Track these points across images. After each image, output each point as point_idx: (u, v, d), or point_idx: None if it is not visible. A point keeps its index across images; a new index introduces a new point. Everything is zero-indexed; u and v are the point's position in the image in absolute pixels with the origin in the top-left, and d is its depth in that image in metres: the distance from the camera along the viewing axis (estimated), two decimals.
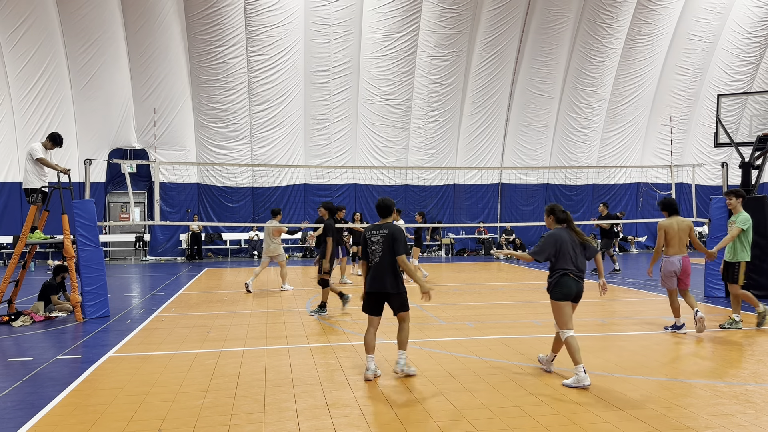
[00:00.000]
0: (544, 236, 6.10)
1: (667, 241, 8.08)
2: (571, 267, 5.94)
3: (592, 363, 6.61)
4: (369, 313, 6.21)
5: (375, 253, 6.10)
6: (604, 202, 17.96)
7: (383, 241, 6.04)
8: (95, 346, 7.74)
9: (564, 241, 5.97)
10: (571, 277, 5.93)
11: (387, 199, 6.33)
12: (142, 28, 20.86)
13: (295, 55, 22.38)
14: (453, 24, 22.89)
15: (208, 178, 23.16)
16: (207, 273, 17.53)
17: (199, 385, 5.93)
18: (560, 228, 6.12)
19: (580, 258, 6.02)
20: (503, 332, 8.33)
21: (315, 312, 9.91)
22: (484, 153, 24.99)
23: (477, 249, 24.91)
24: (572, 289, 5.92)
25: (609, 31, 24.19)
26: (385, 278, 6.03)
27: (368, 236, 6.19)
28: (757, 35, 25.55)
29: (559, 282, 5.94)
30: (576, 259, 5.97)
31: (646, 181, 25.96)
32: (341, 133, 23.52)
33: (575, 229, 6.08)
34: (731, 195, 8.65)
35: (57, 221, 10.26)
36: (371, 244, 6.13)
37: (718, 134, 13.32)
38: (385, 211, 6.24)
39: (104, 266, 10.25)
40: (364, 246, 6.24)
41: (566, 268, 5.94)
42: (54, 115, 20.94)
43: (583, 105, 25.20)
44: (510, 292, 12.42)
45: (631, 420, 4.85)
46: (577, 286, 5.95)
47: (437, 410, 5.10)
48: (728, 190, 8.80)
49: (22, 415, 5.11)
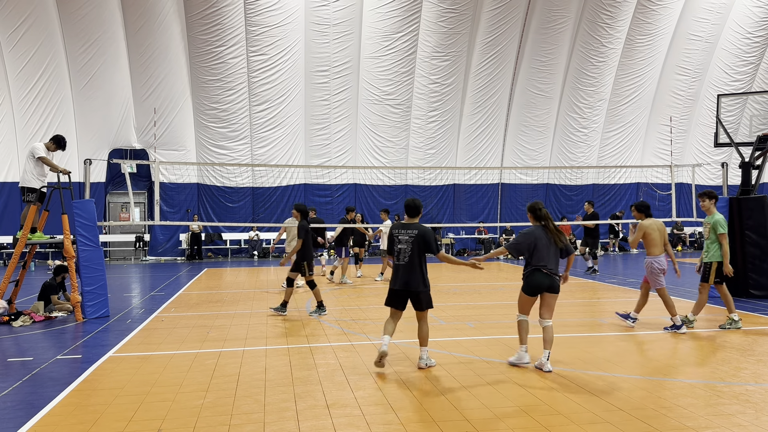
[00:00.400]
0: (521, 233, 6.53)
1: (649, 242, 8.33)
2: (544, 263, 6.30)
3: (592, 363, 6.61)
4: (394, 307, 6.48)
5: (403, 252, 6.30)
6: (589, 201, 17.98)
7: (412, 241, 6.26)
8: (95, 346, 7.74)
9: (539, 238, 6.34)
10: (543, 272, 6.31)
11: (416, 200, 6.59)
12: (142, 28, 20.86)
13: (295, 55, 22.38)
14: (453, 24, 22.89)
15: (208, 178, 23.16)
16: (207, 273, 17.53)
17: (199, 385, 5.93)
18: (537, 225, 6.45)
19: (554, 256, 6.36)
20: (503, 332, 8.32)
21: (315, 312, 9.91)
22: (484, 153, 24.99)
23: (477, 249, 24.90)
24: (542, 284, 6.32)
25: (609, 31, 24.19)
26: (414, 277, 6.27)
27: (395, 234, 6.41)
28: (757, 35, 25.55)
29: (530, 276, 6.37)
30: (549, 256, 6.32)
31: (646, 181, 25.96)
32: (341, 133, 23.52)
33: (551, 228, 6.37)
34: (704, 197, 8.72)
35: (57, 221, 10.26)
36: (398, 243, 6.33)
37: (718, 134, 13.32)
38: (414, 211, 6.49)
39: (104, 266, 10.25)
40: (390, 243, 6.47)
41: (539, 264, 6.31)
42: (54, 115, 20.94)
43: (583, 105, 25.20)
44: (510, 292, 12.41)
45: (630, 420, 4.84)
46: (549, 280, 6.32)
47: (437, 410, 5.10)
48: (701, 192, 8.88)
49: (22, 415, 5.11)
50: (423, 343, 6.43)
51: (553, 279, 6.34)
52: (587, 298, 11.78)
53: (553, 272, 6.33)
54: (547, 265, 6.30)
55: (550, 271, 6.30)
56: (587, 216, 16.98)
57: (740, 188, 12.42)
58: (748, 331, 8.36)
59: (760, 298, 11.19)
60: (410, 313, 6.50)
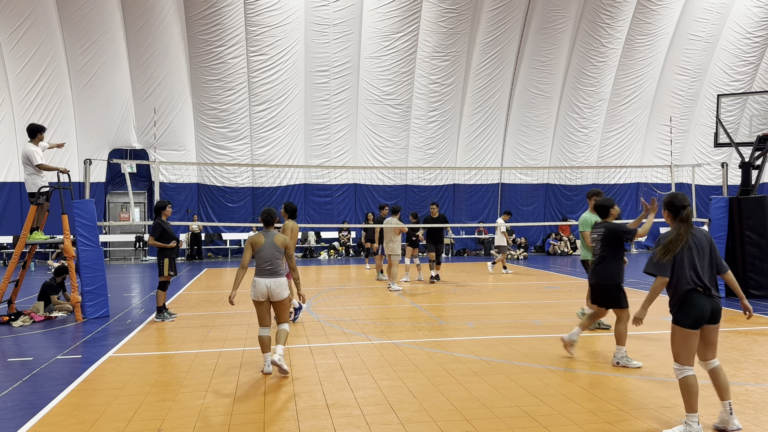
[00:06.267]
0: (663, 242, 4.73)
1: None
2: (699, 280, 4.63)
3: (592, 363, 6.61)
4: (597, 305, 6.98)
5: (594, 250, 6.92)
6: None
7: (600, 239, 6.80)
8: (95, 346, 7.74)
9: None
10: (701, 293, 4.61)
11: (607, 198, 7.27)
12: (142, 28, 20.86)
13: (295, 55, 22.38)
14: (453, 24, 22.88)
15: (208, 178, 23.16)
16: (207, 273, 17.53)
17: (199, 385, 5.93)
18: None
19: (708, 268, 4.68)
20: (503, 332, 8.32)
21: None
22: (484, 153, 24.99)
23: (477, 249, 24.89)
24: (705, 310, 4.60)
25: (609, 31, 24.19)
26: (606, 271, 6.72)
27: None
28: (757, 35, 25.54)
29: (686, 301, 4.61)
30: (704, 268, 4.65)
31: (646, 181, 25.94)
32: (341, 133, 23.52)
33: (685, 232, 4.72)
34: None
35: (57, 221, 10.25)
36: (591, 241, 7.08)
37: (718, 134, 13.32)
38: (603, 211, 7.04)
39: (104, 266, 10.25)
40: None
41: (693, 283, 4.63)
42: (54, 115, 20.93)
43: (583, 105, 25.19)
44: (510, 292, 12.42)
45: (630, 420, 4.85)
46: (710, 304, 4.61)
47: (437, 410, 5.10)
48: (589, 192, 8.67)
49: (22, 415, 5.11)
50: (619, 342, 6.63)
51: (715, 302, 4.61)
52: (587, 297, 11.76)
53: (712, 292, 4.61)
54: (705, 282, 4.60)
55: (708, 291, 4.60)
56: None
57: (740, 188, 12.42)
58: (749, 331, 8.36)
59: (760, 298, 11.19)
60: (411, 314, 6.49)
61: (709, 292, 4.58)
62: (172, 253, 9.57)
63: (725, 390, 4.63)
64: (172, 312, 9.77)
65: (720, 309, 4.63)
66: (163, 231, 9.45)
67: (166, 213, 9.63)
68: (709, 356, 4.68)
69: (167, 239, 9.47)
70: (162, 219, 9.55)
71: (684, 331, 4.56)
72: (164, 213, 9.62)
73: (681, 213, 4.68)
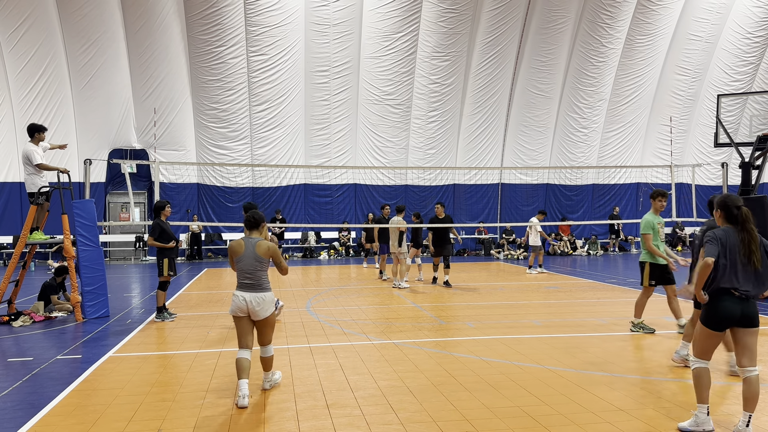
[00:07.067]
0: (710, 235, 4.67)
1: None
2: (737, 284, 4.53)
3: (592, 363, 6.61)
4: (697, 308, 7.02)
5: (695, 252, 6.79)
6: None
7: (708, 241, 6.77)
8: (95, 346, 7.74)
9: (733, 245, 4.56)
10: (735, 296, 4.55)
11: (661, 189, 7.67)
12: (142, 28, 20.86)
13: (295, 55, 22.38)
14: (453, 24, 22.88)
15: (208, 178, 23.16)
16: (207, 273, 17.54)
17: (199, 385, 5.93)
18: (730, 228, 4.64)
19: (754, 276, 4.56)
20: (503, 332, 8.33)
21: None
22: (484, 153, 24.99)
23: (477, 249, 24.89)
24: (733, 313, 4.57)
25: (609, 31, 24.18)
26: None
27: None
28: (757, 35, 25.54)
29: (714, 302, 4.61)
30: (747, 274, 4.54)
31: (646, 182, 25.95)
32: (341, 133, 23.52)
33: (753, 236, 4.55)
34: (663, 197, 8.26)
35: (57, 221, 10.26)
36: None
37: (718, 134, 13.33)
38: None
39: (104, 266, 10.25)
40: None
41: (729, 285, 4.53)
42: (54, 115, 20.93)
43: (583, 105, 25.19)
44: (510, 292, 12.42)
45: (630, 420, 4.85)
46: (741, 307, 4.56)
47: (437, 410, 5.10)
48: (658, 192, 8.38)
49: (22, 415, 5.11)
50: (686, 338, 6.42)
51: (750, 305, 4.49)
52: (587, 298, 11.77)
53: (750, 295, 4.47)
54: (741, 287, 4.46)
55: (745, 294, 4.46)
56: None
57: (740, 188, 12.43)
58: None
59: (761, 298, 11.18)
60: (411, 314, 6.49)
61: (745, 296, 4.45)
62: (172, 253, 9.58)
63: (750, 401, 4.46)
64: (172, 312, 9.78)
65: (755, 313, 4.48)
66: (162, 231, 9.47)
67: (165, 213, 9.64)
68: (745, 362, 4.49)
69: (166, 239, 9.48)
70: (161, 219, 9.57)
71: (706, 330, 4.56)
72: (163, 213, 9.63)
73: (736, 214, 4.53)
